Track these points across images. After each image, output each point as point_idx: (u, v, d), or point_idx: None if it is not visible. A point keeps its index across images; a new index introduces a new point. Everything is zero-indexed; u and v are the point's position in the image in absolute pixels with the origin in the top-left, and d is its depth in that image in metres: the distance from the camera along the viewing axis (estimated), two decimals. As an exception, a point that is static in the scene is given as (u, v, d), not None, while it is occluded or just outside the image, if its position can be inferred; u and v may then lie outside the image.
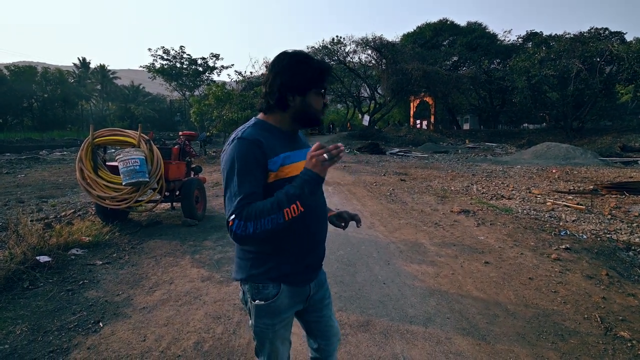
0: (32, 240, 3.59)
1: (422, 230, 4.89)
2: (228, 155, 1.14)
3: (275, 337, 1.26)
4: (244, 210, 1.07)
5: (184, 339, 2.39)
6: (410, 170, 11.91)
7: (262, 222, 1.05)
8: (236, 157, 1.12)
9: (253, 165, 1.12)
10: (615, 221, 5.31)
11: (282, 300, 1.24)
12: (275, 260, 1.23)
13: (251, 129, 1.19)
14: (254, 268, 1.23)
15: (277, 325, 1.25)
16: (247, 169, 1.11)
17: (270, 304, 1.22)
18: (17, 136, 27.47)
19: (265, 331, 1.25)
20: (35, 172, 11.87)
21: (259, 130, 1.19)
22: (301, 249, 1.25)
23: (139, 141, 4.60)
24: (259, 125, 1.22)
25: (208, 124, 22.39)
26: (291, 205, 1.06)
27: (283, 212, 1.05)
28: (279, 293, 1.23)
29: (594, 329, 2.48)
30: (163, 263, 3.78)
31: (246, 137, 1.15)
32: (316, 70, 1.19)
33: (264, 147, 1.14)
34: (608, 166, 12.93)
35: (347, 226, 1.47)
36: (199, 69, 37.61)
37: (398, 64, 24.93)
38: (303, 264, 1.26)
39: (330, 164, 1.09)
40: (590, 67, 21.52)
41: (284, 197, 1.07)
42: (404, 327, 2.52)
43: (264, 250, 1.23)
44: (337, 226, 1.47)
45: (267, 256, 1.23)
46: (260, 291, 1.23)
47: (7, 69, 36.25)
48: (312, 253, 1.30)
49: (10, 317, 2.63)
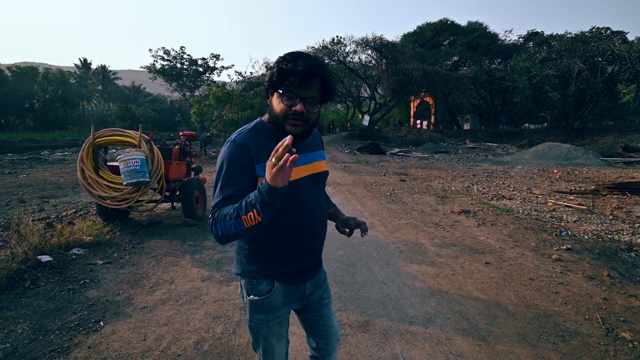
0: (33, 240, 3.60)
1: (422, 231, 4.88)
2: (219, 157, 1.17)
3: (269, 333, 1.27)
4: (217, 212, 1.08)
5: (184, 339, 2.39)
6: (410, 170, 11.90)
7: (226, 226, 1.05)
8: (224, 159, 1.14)
9: (237, 168, 1.12)
10: (617, 222, 5.29)
11: (276, 298, 1.24)
12: (268, 259, 1.24)
13: (246, 133, 1.18)
14: (249, 264, 1.25)
15: (271, 322, 1.26)
16: (231, 172, 1.12)
17: (263, 300, 1.23)
18: (18, 136, 27.51)
19: (259, 326, 1.26)
20: (37, 172, 11.89)
21: (254, 133, 1.18)
22: (297, 251, 1.25)
23: (140, 141, 4.61)
24: (257, 128, 1.20)
25: (208, 124, 22.39)
26: (248, 213, 1.01)
27: (241, 218, 1.02)
28: (272, 290, 1.23)
29: (595, 330, 2.48)
30: (163, 263, 3.78)
31: (237, 140, 1.16)
32: (281, 70, 1.09)
33: (253, 151, 1.13)
34: (610, 166, 12.90)
35: (351, 233, 1.44)
36: (199, 70, 37.66)
37: (398, 64, 24.90)
38: (298, 265, 1.26)
39: (278, 171, 0.93)
40: (591, 66, 21.46)
41: (242, 204, 1.03)
42: (404, 327, 2.52)
43: (258, 249, 1.24)
44: (341, 232, 1.44)
45: (260, 255, 1.24)
46: (254, 287, 1.24)
47: (8, 69, 36.36)
48: (308, 255, 1.29)
49: (12, 316, 2.63)
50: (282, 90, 1.10)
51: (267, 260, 1.24)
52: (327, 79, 1.13)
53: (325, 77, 1.12)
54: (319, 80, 1.11)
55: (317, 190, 1.31)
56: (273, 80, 1.12)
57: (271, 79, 1.12)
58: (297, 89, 1.09)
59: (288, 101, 1.10)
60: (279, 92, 1.11)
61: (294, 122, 1.12)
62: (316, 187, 1.30)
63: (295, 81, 1.07)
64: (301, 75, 1.07)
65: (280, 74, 1.09)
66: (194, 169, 6.24)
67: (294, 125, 1.13)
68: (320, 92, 1.13)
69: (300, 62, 1.07)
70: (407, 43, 30.60)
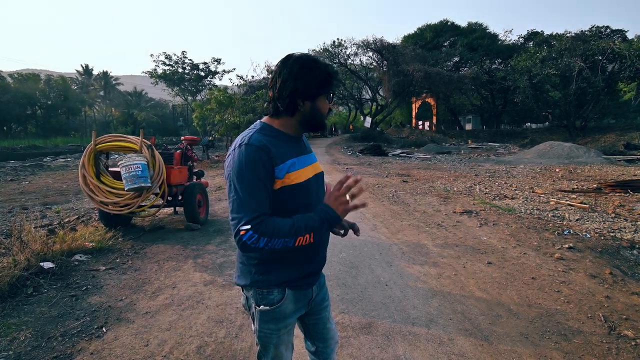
0: (35, 247, 3.62)
1: (424, 232, 4.88)
2: (236, 161, 1.11)
3: (279, 342, 1.26)
4: (262, 224, 1.06)
5: (186, 343, 2.39)
6: (412, 171, 11.89)
7: (274, 241, 1.06)
8: (245, 164, 1.09)
9: (262, 173, 1.10)
10: (619, 220, 5.27)
11: (287, 305, 1.24)
12: (279, 266, 1.22)
13: (257, 135, 1.15)
14: (259, 274, 1.22)
15: (282, 331, 1.25)
16: (257, 177, 1.09)
17: (275, 309, 1.22)
18: (21, 143, 27.72)
19: (270, 336, 1.25)
20: (39, 179, 11.96)
21: (266, 135, 1.16)
22: (305, 257, 1.25)
23: (141, 146, 4.63)
24: (265, 130, 1.19)
25: (210, 128, 22.48)
26: (305, 235, 1.10)
27: (296, 239, 1.08)
28: (284, 298, 1.22)
29: (598, 329, 2.46)
30: (166, 267, 3.79)
31: (253, 143, 1.11)
32: (326, 75, 1.19)
33: (272, 154, 1.11)
34: (612, 164, 12.85)
35: (346, 234, 1.45)
36: (200, 74, 37.88)
37: (399, 65, 24.98)
38: (307, 268, 1.27)
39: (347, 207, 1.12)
40: (592, 65, 21.45)
41: (302, 226, 1.08)
42: (406, 328, 2.51)
43: (269, 257, 1.22)
44: (336, 233, 1.45)
45: (271, 262, 1.22)
46: (265, 297, 1.22)
47: (10, 76, 36.67)
48: (315, 259, 1.30)
49: (15, 324, 2.64)
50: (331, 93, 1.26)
51: (279, 266, 1.22)
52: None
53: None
54: None
55: (320, 190, 1.32)
56: (318, 84, 1.18)
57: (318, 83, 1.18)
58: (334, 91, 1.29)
59: (328, 101, 1.26)
60: (328, 95, 1.24)
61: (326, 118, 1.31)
62: (319, 186, 1.32)
63: (334, 83, 1.25)
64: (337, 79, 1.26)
65: (328, 78, 1.20)
66: (196, 174, 6.26)
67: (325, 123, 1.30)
68: None
69: (331, 67, 1.23)
70: (408, 44, 30.68)
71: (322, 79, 1.18)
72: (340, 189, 1.12)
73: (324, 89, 1.20)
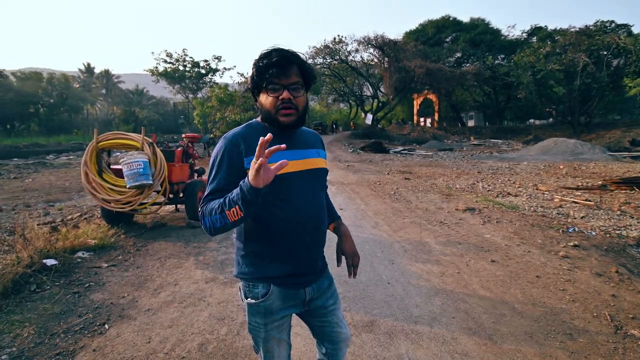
0: (38, 244, 3.63)
1: (426, 229, 4.85)
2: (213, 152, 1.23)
3: (268, 337, 1.25)
4: (205, 205, 1.14)
5: (188, 341, 2.39)
6: (414, 168, 11.85)
7: (212, 220, 1.09)
8: (215, 154, 1.20)
9: (225, 163, 1.16)
10: (625, 217, 5.22)
11: (273, 301, 1.22)
12: (259, 261, 1.23)
13: (238, 129, 1.23)
14: (244, 266, 1.25)
15: (269, 326, 1.24)
16: (220, 167, 1.17)
17: (260, 304, 1.22)
18: (24, 141, 27.82)
19: (258, 330, 1.25)
20: (42, 177, 12.01)
21: (247, 130, 1.23)
22: (290, 248, 1.22)
23: (143, 144, 4.62)
24: (248, 126, 1.25)
25: (211, 125, 22.50)
26: (231, 209, 1.04)
27: (225, 214, 1.06)
28: (268, 293, 1.21)
29: (604, 328, 2.43)
30: (167, 265, 3.79)
31: (227, 136, 1.21)
32: (259, 68, 1.15)
33: (243, 147, 1.17)
34: (617, 161, 12.75)
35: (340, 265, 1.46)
36: (201, 72, 37.84)
37: (400, 61, 24.85)
38: (292, 267, 1.23)
39: (257, 170, 0.95)
40: (596, 60, 21.28)
41: (226, 200, 1.07)
42: (408, 327, 2.50)
43: (253, 248, 1.24)
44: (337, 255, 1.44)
45: (253, 256, 1.24)
46: (251, 289, 1.24)
47: (13, 75, 36.80)
48: (303, 253, 1.25)
49: (18, 320, 2.65)
50: (265, 84, 1.15)
51: (261, 261, 1.22)
52: (304, 64, 1.18)
53: (301, 62, 1.17)
54: (296, 66, 1.16)
55: (311, 187, 1.26)
56: (255, 80, 1.18)
57: (253, 81, 1.19)
58: (278, 79, 1.14)
59: (274, 92, 1.15)
60: (264, 87, 1.16)
61: (285, 111, 1.16)
62: (311, 184, 1.26)
63: (274, 72, 1.13)
64: (278, 65, 1.12)
65: (259, 71, 1.15)
66: (197, 171, 6.26)
67: (286, 115, 1.16)
68: (301, 77, 1.18)
69: (274, 54, 1.14)
70: (409, 41, 30.51)
71: (256, 72, 1.16)
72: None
73: (260, 82, 1.16)
